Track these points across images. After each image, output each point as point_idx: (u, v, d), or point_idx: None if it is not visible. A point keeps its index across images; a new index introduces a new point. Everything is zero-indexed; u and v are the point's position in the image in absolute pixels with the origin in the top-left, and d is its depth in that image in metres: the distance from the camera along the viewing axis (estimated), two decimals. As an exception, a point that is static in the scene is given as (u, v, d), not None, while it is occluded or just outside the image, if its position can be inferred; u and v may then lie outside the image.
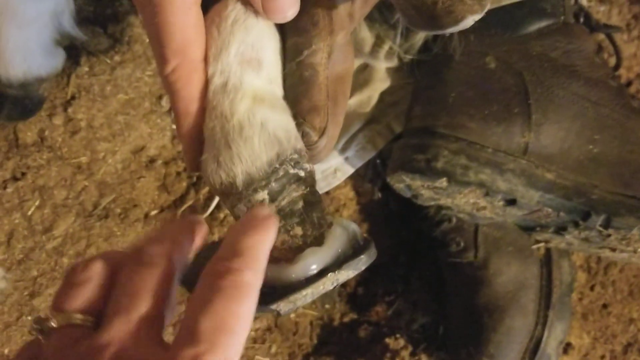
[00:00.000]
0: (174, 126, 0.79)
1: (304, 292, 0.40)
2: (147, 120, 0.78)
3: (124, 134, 0.78)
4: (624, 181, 0.65)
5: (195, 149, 0.42)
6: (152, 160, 0.78)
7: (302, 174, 0.41)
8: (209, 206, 0.78)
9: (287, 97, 0.42)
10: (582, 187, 0.65)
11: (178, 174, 0.79)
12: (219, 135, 0.40)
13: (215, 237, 0.78)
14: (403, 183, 0.69)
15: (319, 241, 0.41)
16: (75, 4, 0.69)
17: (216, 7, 0.41)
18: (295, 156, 0.41)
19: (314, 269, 0.40)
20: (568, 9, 0.69)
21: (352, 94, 0.74)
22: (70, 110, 0.76)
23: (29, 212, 0.75)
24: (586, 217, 0.66)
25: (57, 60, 0.72)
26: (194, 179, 0.79)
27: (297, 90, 0.42)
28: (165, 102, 0.78)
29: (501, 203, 0.66)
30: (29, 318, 0.74)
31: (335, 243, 0.42)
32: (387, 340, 0.83)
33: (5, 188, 0.75)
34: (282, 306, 0.40)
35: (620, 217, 0.64)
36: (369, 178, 0.80)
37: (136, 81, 0.78)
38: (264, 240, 0.35)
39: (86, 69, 0.77)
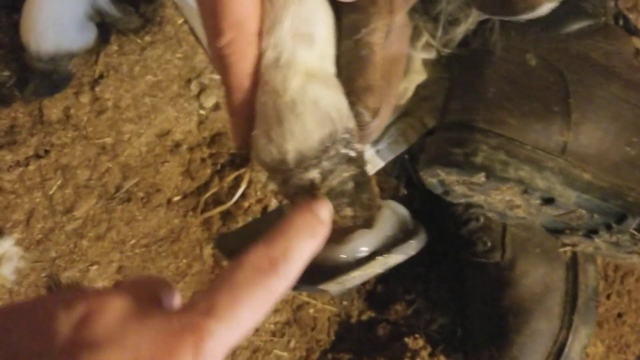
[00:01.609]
0: (201, 111, 0.78)
1: (352, 274, 0.39)
2: (175, 104, 0.77)
3: (150, 116, 0.76)
4: (660, 185, 0.65)
5: (245, 125, 0.41)
6: (177, 145, 0.77)
7: (352, 154, 0.40)
8: (233, 194, 0.77)
9: (340, 74, 0.41)
10: (619, 189, 0.65)
11: (203, 160, 0.78)
12: (270, 111, 0.39)
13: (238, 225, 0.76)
14: (437, 177, 0.68)
15: (368, 223, 0.41)
16: (109, -20, 0.68)
17: None
18: (347, 135, 0.40)
19: (363, 251, 0.40)
20: (609, 11, 0.69)
21: (387, 86, 0.73)
22: (97, 89, 0.75)
23: (51, 192, 0.73)
24: (621, 220, 0.65)
25: (89, 35, 0.70)
26: (219, 166, 0.78)
27: (352, 69, 0.41)
28: (193, 86, 0.77)
29: (538, 202, 0.65)
30: (45, 300, 0.72)
31: (384, 226, 0.41)
32: (406, 339, 0.82)
33: (27, 165, 0.73)
34: (332, 287, 0.39)
35: (656, 221, 0.64)
36: (395, 174, 0.79)
37: (165, 63, 0.76)
38: (311, 249, 0.35)
39: (115, 47, 0.76)
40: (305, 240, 0.35)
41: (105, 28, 0.75)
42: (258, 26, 0.39)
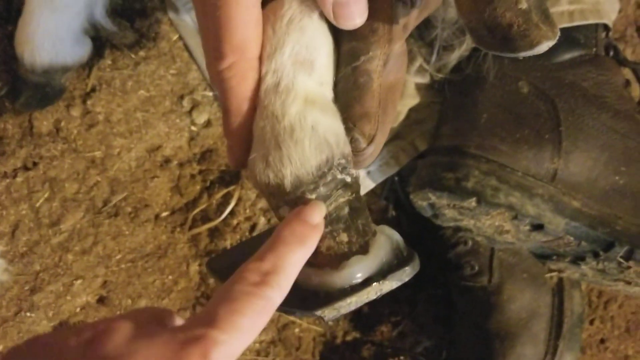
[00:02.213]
0: (192, 127, 0.77)
1: (348, 301, 0.39)
2: (166, 120, 0.76)
3: (141, 131, 0.76)
4: (647, 214, 0.66)
5: (242, 147, 0.41)
6: (167, 161, 0.77)
7: (348, 179, 0.40)
8: (221, 212, 0.76)
9: (338, 101, 0.42)
10: (607, 218, 0.65)
11: (192, 176, 0.77)
12: (269, 135, 0.39)
13: (228, 244, 0.76)
14: (427, 201, 0.69)
15: (364, 249, 0.41)
16: (106, -6, 0.68)
17: (272, 4, 0.41)
18: (343, 161, 0.40)
19: (359, 277, 0.40)
20: (600, 42, 0.70)
21: (380, 109, 0.73)
22: (89, 102, 0.74)
23: (37, 204, 0.73)
24: (609, 248, 0.66)
25: (84, 49, 0.70)
26: (208, 182, 0.78)
27: (350, 95, 0.41)
28: (186, 103, 0.77)
29: (527, 228, 0.66)
30: (28, 314, 0.71)
31: (379, 252, 0.41)
32: (391, 361, 0.82)
33: (15, 177, 0.72)
34: (327, 313, 0.39)
35: (643, 250, 0.65)
36: (385, 195, 0.79)
37: (159, 79, 0.76)
38: (302, 257, 0.37)
39: (109, 62, 0.75)
40: (294, 249, 0.36)
41: (99, 42, 0.75)
42: (259, 51, 0.40)
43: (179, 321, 0.37)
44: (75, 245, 0.73)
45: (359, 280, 0.39)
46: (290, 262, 0.36)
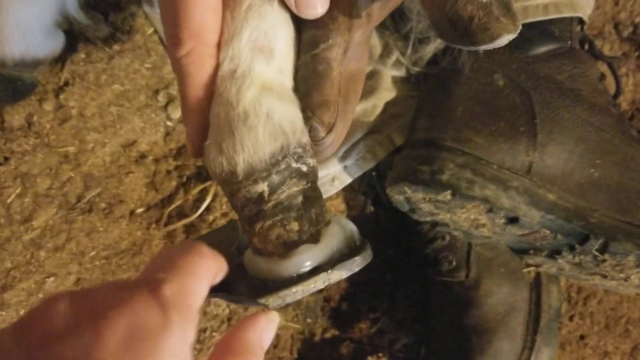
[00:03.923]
0: (168, 123, 0.76)
1: (294, 289, 0.38)
2: (141, 114, 0.75)
3: (115, 126, 0.75)
4: (622, 207, 0.66)
5: (200, 135, 0.40)
6: (142, 156, 0.76)
7: (304, 168, 0.40)
8: (197, 207, 0.76)
9: (297, 89, 0.41)
10: (582, 211, 0.65)
11: (168, 172, 0.76)
12: (223, 122, 0.39)
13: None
14: (403, 195, 0.68)
15: (315, 238, 0.40)
16: (80, -15, 0.67)
17: None
18: (299, 150, 0.40)
19: (307, 265, 0.39)
20: (575, 35, 0.70)
21: (356, 102, 0.73)
22: (62, 96, 0.73)
23: (9, 200, 0.71)
24: (584, 241, 0.66)
25: (56, 42, 0.69)
26: (184, 178, 0.77)
27: (308, 83, 0.41)
28: (161, 97, 0.76)
29: (502, 221, 0.65)
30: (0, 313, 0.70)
31: (331, 241, 0.40)
32: (370, 358, 0.81)
33: (-15, 172, 0.71)
34: (271, 301, 0.38)
35: (617, 242, 0.64)
36: (363, 190, 0.79)
37: (133, 73, 0.75)
38: (269, 336, 0.38)
39: (83, 55, 0.74)
40: (255, 327, 0.38)
41: (72, 35, 0.74)
42: (218, 38, 0.39)
43: None
44: (48, 242, 0.72)
45: (308, 269, 0.39)
46: (261, 338, 0.38)
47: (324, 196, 0.76)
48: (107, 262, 0.72)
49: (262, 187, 0.39)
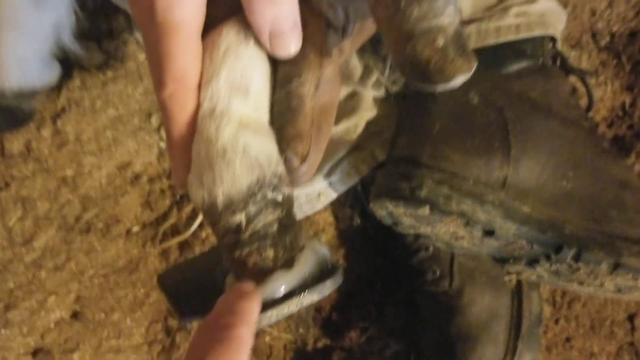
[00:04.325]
0: (161, 144, 0.80)
1: (268, 314, 0.41)
2: (135, 137, 0.79)
3: (111, 149, 0.78)
4: (594, 217, 0.69)
5: (184, 169, 0.43)
6: (137, 177, 0.79)
7: (279, 198, 0.43)
8: (191, 224, 0.79)
9: (273, 123, 0.44)
10: (556, 221, 0.68)
11: (162, 191, 0.80)
12: (203, 158, 0.41)
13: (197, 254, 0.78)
14: (386, 210, 0.72)
15: (289, 264, 0.43)
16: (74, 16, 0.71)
17: (211, 35, 0.43)
18: (275, 180, 0.42)
19: (281, 291, 0.42)
20: (546, 52, 0.73)
21: (339, 121, 0.76)
22: (59, 122, 0.77)
23: (10, 223, 0.75)
24: (558, 250, 0.69)
25: (53, 73, 0.72)
26: (178, 197, 0.80)
27: (283, 118, 0.44)
28: (154, 120, 0.79)
29: (479, 233, 0.68)
30: (3, 331, 0.73)
31: (304, 267, 0.43)
32: (360, 365, 0.84)
33: (-13, 197, 0.74)
34: None
35: (589, 252, 0.67)
36: (349, 204, 0.82)
37: (127, 97, 0.79)
38: (253, 306, 0.38)
39: (78, 82, 0.78)
40: (240, 299, 0.37)
41: (68, 64, 0.77)
42: (198, 80, 0.42)
43: None
44: (48, 262, 0.75)
45: (282, 294, 0.41)
46: (246, 306, 0.37)
47: (312, 211, 0.80)
48: (105, 279, 0.76)
49: (240, 217, 0.42)
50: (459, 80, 0.39)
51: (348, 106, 0.76)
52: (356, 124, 0.76)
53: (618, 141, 1.06)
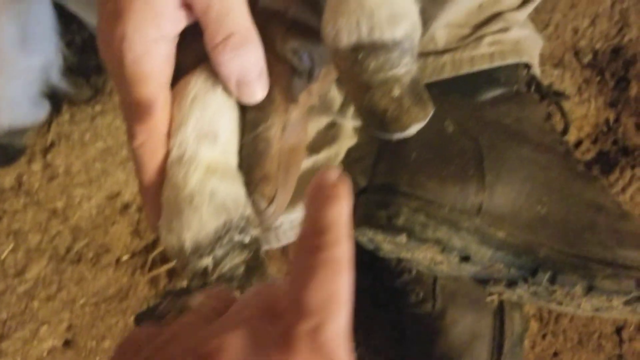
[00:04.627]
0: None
1: None
2: (124, 167, 0.81)
3: (100, 180, 0.81)
4: (568, 241, 0.70)
5: (156, 214, 0.45)
6: (126, 206, 0.81)
7: (247, 240, 0.45)
8: (179, 252, 0.81)
9: (241, 165, 0.46)
10: (531, 246, 0.70)
11: (151, 220, 0.82)
12: (172, 204, 0.43)
13: (185, 284, 0.80)
14: (366, 236, 0.73)
15: None
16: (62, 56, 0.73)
17: (179, 84, 0.45)
18: (243, 223, 0.44)
19: None
20: (520, 79, 0.75)
21: (321, 150, 0.78)
22: (49, 156, 0.79)
23: (2, 256, 0.77)
24: (534, 274, 0.70)
25: (42, 110, 0.75)
26: (166, 225, 0.82)
27: (251, 161, 0.46)
28: (141, 152, 0.82)
29: (456, 259, 0.70)
30: (-3, 361, 0.76)
31: None
32: (348, 385, 0.85)
33: (-20, 231, 0.77)
34: None
35: (564, 275, 0.69)
36: (335, 228, 0.84)
37: (115, 130, 0.81)
38: (343, 211, 0.34)
39: (67, 117, 0.80)
40: (328, 205, 0.33)
41: (57, 99, 0.80)
42: (167, 129, 0.44)
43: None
44: (40, 293, 0.77)
45: None
46: (335, 214, 0.33)
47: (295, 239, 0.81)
48: (96, 308, 0.78)
49: (207, 261, 0.44)
50: (413, 129, 0.41)
51: (329, 135, 0.78)
52: (337, 152, 0.78)
53: (603, 157, 1.07)
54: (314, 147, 0.76)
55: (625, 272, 0.69)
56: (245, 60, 0.43)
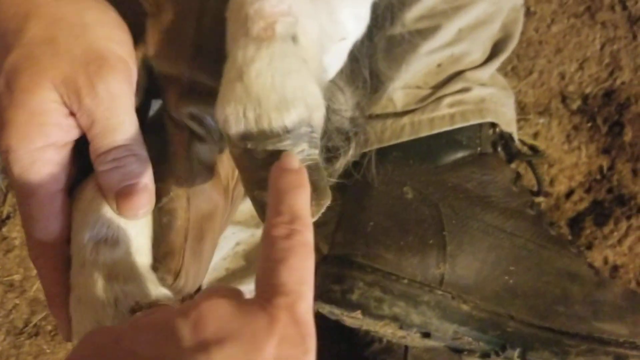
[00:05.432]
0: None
1: None
2: (82, 238, 0.79)
3: (58, 251, 0.79)
4: (539, 312, 0.66)
5: (66, 325, 0.44)
6: (86, 277, 0.79)
7: None
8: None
9: (153, 243, 0.44)
10: (498, 319, 0.66)
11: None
12: (79, 315, 0.42)
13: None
14: (325, 310, 0.70)
15: None
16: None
17: (77, 189, 0.44)
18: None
19: None
20: (484, 140, 0.71)
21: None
22: (4, 229, 0.78)
23: (-42, 331, 0.76)
24: (503, 349, 0.66)
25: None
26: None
27: (157, 236, 0.44)
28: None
29: (417, 335, 0.66)
30: None
31: None
32: None
33: None
34: None
35: (534, 351, 0.64)
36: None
37: (72, 200, 0.79)
38: (307, 199, 0.38)
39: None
40: (297, 192, 0.37)
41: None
42: (64, 235, 0.42)
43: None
44: (-3, 368, 0.76)
45: None
46: (302, 203, 0.37)
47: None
48: (53, 384, 0.75)
49: None
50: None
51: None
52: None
53: (597, 207, 1.02)
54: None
55: (602, 348, 0.64)
56: (126, 171, 0.41)
